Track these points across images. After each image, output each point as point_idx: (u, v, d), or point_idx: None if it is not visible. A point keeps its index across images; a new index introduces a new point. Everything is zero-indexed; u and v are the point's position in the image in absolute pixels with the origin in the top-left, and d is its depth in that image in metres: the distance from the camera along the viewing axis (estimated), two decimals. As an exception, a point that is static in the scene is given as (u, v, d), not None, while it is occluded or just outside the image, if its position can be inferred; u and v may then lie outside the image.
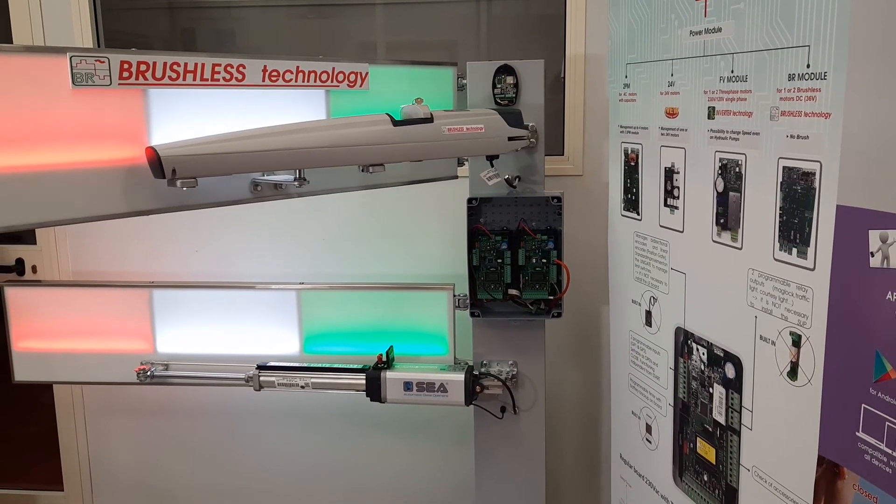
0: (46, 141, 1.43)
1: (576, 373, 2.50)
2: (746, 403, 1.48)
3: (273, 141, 1.56)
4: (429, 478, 2.60)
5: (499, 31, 2.44)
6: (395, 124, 1.66)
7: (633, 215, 1.86)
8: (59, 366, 2.22)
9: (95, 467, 2.72)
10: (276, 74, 1.67)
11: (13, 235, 2.64)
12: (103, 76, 1.46)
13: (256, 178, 1.72)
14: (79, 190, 1.47)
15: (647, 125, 1.76)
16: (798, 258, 1.30)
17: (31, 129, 1.41)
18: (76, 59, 1.42)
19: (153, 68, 1.51)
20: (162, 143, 1.49)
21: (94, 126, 1.48)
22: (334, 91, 1.77)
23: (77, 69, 1.43)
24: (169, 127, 1.58)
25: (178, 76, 1.55)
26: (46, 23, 2.42)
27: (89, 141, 1.48)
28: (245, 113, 1.66)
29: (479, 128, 1.74)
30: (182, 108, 1.59)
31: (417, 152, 1.71)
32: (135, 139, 1.53)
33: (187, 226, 2.49)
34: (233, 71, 1.60)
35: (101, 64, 1.45)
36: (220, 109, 1.63)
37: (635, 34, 1.77)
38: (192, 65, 1.55)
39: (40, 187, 1.43)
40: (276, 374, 2.04)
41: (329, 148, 1.60)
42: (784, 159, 1.32)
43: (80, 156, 1.47)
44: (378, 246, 2.45)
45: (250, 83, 1.64)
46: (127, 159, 1.53)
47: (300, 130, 1.60)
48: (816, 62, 1.22)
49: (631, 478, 2.00)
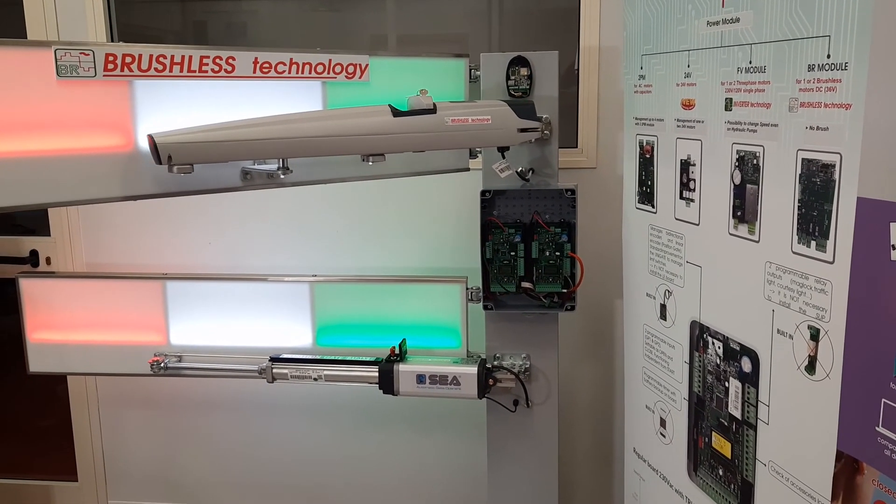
0: (33, 129, 1.51)
1: (589, 366, 2.49)
2: (763, 398, 1.47)
3: (267, 130, 1.58)
4: (441, 471, 2.60)
5: (511, 24, 2.43)
6: (395, 115, 1.66)
7: (648, 208, 1.84)
8: (73, 357, 2.23)
9: (109, 458, 2.73)
10: (267, 66, 1.70)
11: (27, 228, 2.66)
12: (88, 68, 1.53)
13: (246, 167, 1.75)
14: (64, 176, 1.55)
15: (663, 117, 1.74)
16: (817, 251, 1.28)
17: (17, 118, 1.49)
18: (60, 51, 1.50)
19: (139, 60, 1.57)
20: (160, 131, 1.53)
21: (80, 115, 1.56)
22: (331, 83, 1.79)
23: (61, 61, 1.50)
24: (156, 117, 1.63)
25: (165, 68, 1.60)
26: (60, 17, 2.42)
27: (75, 129, 1.56)
28: (237, 104, 1.69)
29: (485, 119, 1.73)
30: (170, 99, 1.64)
31: (419, 143, 1.71)
32: (120, 128, 1.60)
33: (200, 218, 2.49)
34: (221, 63, 1.65)
35: (86, 56, 1.53)
36: (210, 100, 1.67)
37: (651, 25, 1.76)
38: (179, 57, 1.61)
39: (27, 173, 1.51)
40: (288, 367, 2.04)
41: (326, 138, 1.62)
42: (803, 151, 1.30)
43: (65, 143, 1.55)
44: (391, 239, 2.45)
45: (241, 75, 1.67)
46: (112, 147, 1.60)
47: (296, 120, 1.63)
48: (837, 52, 1.20)
49: (645, 472, 1.99)
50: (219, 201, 2.47)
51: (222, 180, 1.73)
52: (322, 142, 1.62)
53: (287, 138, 1.59)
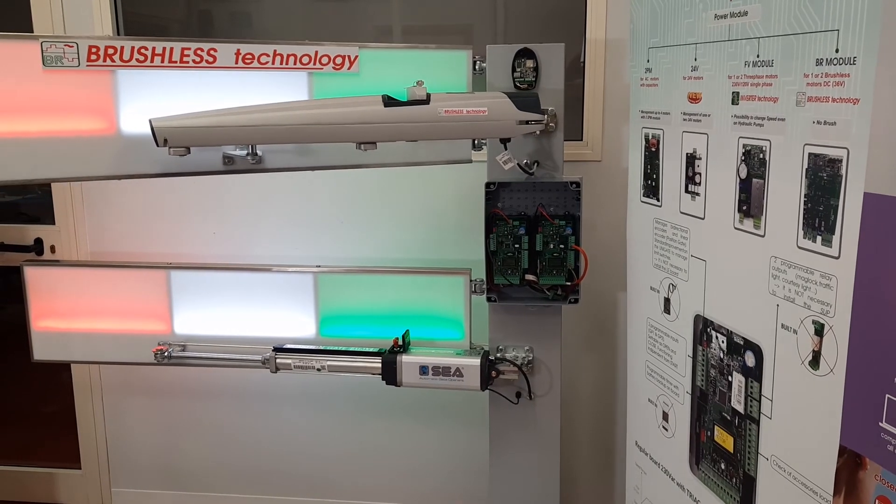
0: (22, 113, 1.72)
1: (592, 359, 2.50)
2: (766, 392, 1.47)
3: (257, 118, 1.67)
4: (443, 463, 2.61)
5: (517, 15, 2.42)
6: (386, 105, 1.69)
7: (653, 201, 1.84)
8: (77, 345, 2.23)
9: (112, 446, 2.75)
10: (250, 57, 1.79)
11: (32, 216, 2.66)
12: (72, 59, 1.71)
13: (227, 152, 1.86)
14: (51, 155, 1.75)
15: (669, 110, 1.74)
16: (822, 246, 1.28)
17: (7, 104, 1.72)
18: (47, 43, 1.69)
19: (121, 52, 1.73)
20: (160, 116, 1.68)
21: (65, 102, 1.74)
22: (318, 74, 1.85)
23: (47, 53, 1.69)
24: (138, 104, 1.79)
25: (146, 59, 1.75)
26: (66, 6, 2.42)
27: (60, 114, 1.75)
28: (221, 92, 1.81)
29: (481, 111, 1.73)
30: (153, 87, 1.79)
31: (410, 133, 1.74)
32: (103, 114, 1.78)
33: (205, 208, 2.49)
34: (203, 54, 1.77)
35: (70, 48, 1.70)
36: (193, 89, 1.80)
37: (658, 18, 1.75)
38: (161, 48, 1.75)
39: (17, 152, 1.73)
40: (292, 357, 2.05)
41: (316, 125, 1.68)
42: (810, 146, 1.29)
43: (52, 126, 1.75)
44: (395, 230, 2.45)
45: (223, 65, 1.78)
46: (96, 130, 1.79)
47: (287, 108, 1.71)
48: (846, 47, 1.20)
49: (646, 465, 1.99)
50: (223, 191, 2.48)
51: (203, 164, 1.84)
52: (312, 129, 1.69)
53: (276, 125, 1.67)
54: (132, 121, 1.82)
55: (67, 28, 2.44)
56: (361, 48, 1.87)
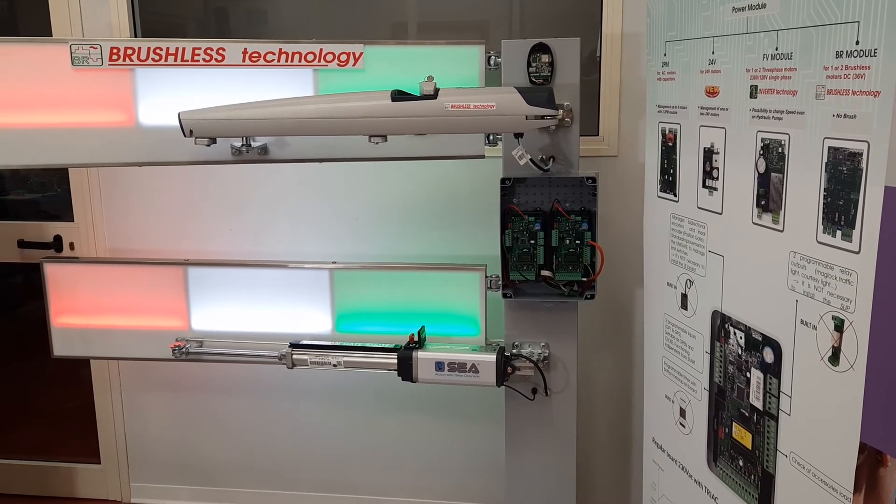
0: (54, 106, 1.96)
1: (608, 355, 2.49)
2: (785, 388, 1.45)
3: (272, 111, 1.78)
4: (459, 459, 2.61)
5: (532, 10, 2.41)
6: (393, 99, 1.74)
7: (670, 196, 1.83)
8: (96, 341, 2.26)
9: (131, 441, 2.77)
10: (257, 55, 1.91)
11: (51, 213, 2.69)
12: (96, 59, 1.91)
13: (234, 144, 1.99)
14: (78, 144, 1.98)
15: (687, 104, 1.72)
16: (842, 241, 1.26)
17: (41, 98, 1.95)
18: (75, 45, 1.92)
19: (138, 52, 1.91)
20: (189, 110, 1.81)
21: (90, 97, 1.95)
22: (323, 70, 1.93)
23: (75, 54, 1.91)
24: (155, 99, 1.96)
25: (161, 58, 1.92)
26: (84, 4, 2.44)
27: (86, 108, 1.96)
28: (230, 88, 1.93)
29: (489, 105, 1.72)
30: (168, 84, 1.95)
31: (417, 127, 1.78)
32: (124, 108, 1.97)
33: (221, 205, 2.51)
34: (213, 53, 1.91)
35: (94, 49, 1.91)
36: (204, 85, 1.94)
37: (675, 11, 1.73)
38: (174, 48, 1.91)
39: (49, 140, 1.97)
40: (308, 353, 2.05)
41: (325, 119, 1.77)
42: (830, 139, 1.28)
43: (79, 118, 1.97)
44: (411, 226, 2.45)
45: (232, 63, 1.92)
46: (117, 122, 1.98)
47: (300, 102, 1.81)
48: (866, 39, 1.18)
49: (664, 462, 1.98)
50: (240, 189, 2.49)
51: (212, 154, 1.96)
52: (322, 122, 1.77)
53: (289, 118, 1.77)
54: (150, 114, 1.98)
55: (85, 27, 2.46)
56: (367, 45, 1.90)
